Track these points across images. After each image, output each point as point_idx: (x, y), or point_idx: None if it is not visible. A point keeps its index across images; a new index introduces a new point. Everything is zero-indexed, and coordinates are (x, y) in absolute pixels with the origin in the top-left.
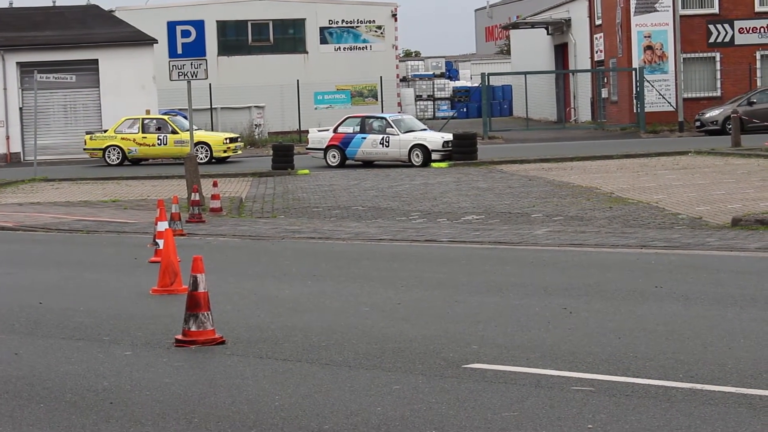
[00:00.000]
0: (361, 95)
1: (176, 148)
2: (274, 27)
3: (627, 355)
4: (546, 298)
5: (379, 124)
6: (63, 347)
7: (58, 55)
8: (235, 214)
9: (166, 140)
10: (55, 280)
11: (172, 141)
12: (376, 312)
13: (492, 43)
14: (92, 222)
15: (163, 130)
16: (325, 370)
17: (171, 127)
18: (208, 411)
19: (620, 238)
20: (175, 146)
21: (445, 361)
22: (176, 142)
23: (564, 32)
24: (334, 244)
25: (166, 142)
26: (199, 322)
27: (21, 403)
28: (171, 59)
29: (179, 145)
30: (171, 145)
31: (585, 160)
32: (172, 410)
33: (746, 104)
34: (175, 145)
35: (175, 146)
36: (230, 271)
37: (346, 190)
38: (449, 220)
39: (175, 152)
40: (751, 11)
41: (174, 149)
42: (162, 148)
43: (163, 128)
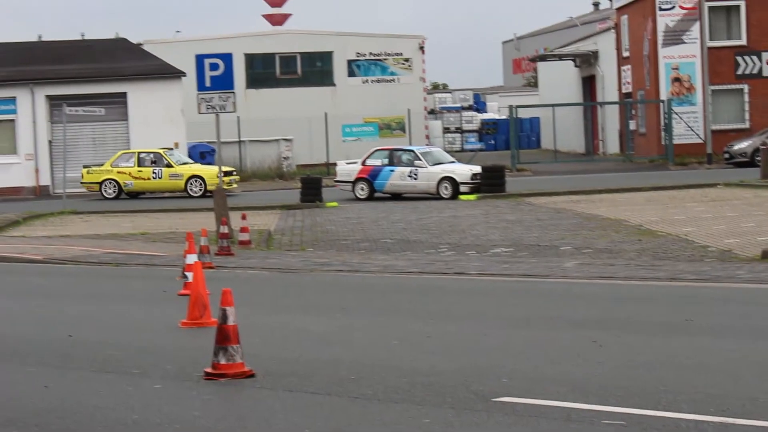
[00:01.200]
0: (389, 128)
1: (171, 181)
2: (302, 60)
3: (658, 388)
4: (575, 331)
5: (408, 157)
6: (93, 380)
7: (86, 89)
8: (263, 247)
9: (161, 174)
10: (84, 313)
11: (167, 174)
12: (405, 345)
13: (519, 75)
14: (121, 255)
15: (158, 164)
16: (355, 404)
17: (166, 160)
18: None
19: (649, 270)
20: (170, 180)
21: (474, 394)
22: (171, 176)
23: (591, 64)
24: (363, 277)
25: (162, 176)
26: (228, 355)
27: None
28: (199, 92)
29: (174, 178)
30: (166, 178)
31: (613, 192)
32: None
33: None
34: (170, 179)
35: (170, 180)
36: (259, 304)
37: (374, 222)
38: (478, 253)
39: (170, 186)
40: None
41: (169, 182)
42: (157, 182)
43: (158, 162)
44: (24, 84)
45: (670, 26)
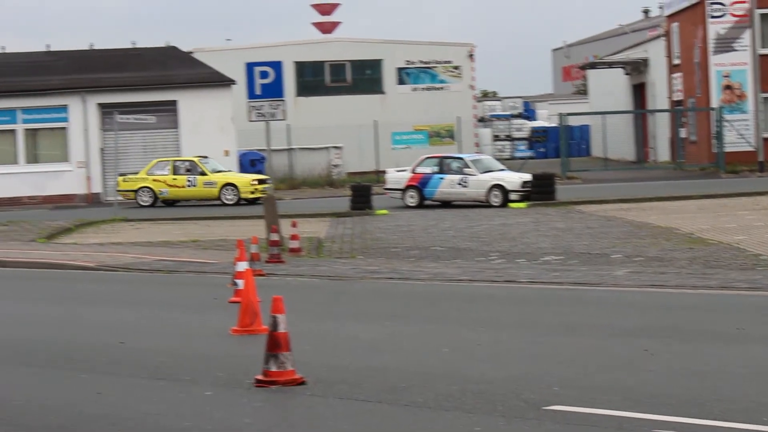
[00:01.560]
0: (438, 135)
1: (205, 189)
2: (352, 67)
3: (709, 397)
4: (626, 340)
5: (458, 165)
6: (144, 387)
7: (137, 96)
8: (314, 255)
9: (195, 182)
10: (136, 320)
11: (201, 182)
12: (455, 353)
13: (569, 82)
14: (172, 262)
15: (192, 172)
16: (406, 412)
17: (200, 169)
18: None
19: (701, 279)
20: (204, 188)
21: (525, 402)
22: (205, 184)
23: (642, 72)
24: (413, 285)
25: (196, 184)
26: (279, 362)
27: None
28: (249, 100)
29: (208, 186)
30: (200, 186)
31: (664, 200)
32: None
33: None
34: (204, 187)
35: (204, 187)
36: (310, 311)
37: (424, 230)
38: (528, 261)
39: (204, 193)
40: None
41: (203, 190)
42: (191, 190)
43: (192, 170)
44: (76, 92)
45: (721, 34)
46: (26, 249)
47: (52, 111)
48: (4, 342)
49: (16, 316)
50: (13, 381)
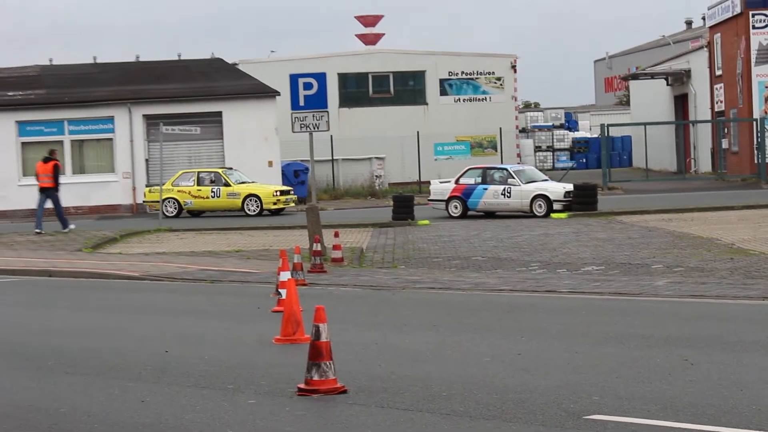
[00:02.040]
0: (480, 146)
1: (229, 200)
2: (395, 79)
3: (750, 407)
4: (667, 349)
5: (501, 175)
6: (188, 395)
7: (183, 108)
8: (356, 264)
9: (219, 193)
10: (180, 329)
11: (225, 193)
12: (496, 362)
13: (611, 93)
14: (216, 272)
15: (216, 183)
16: (446, 420)
17: (224, 180)
18: None
19: (741, 289)
20: (228, 198)
21: (565, 412)
22: (229, 195)
23: (684, 83)
24: (454, 295)
25: (220, 195)
26: (321, 371)
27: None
28: (293, 111)
29: (231, 197)
30: (224, 197)
31: (705, 211)
32: None
33: None
34: (227, 198)
35: (228, 198)
36: (351, 320)
37: (465, 240)
38: (569, 271)
39: (228, 204)
40: None
41: (227, 201)
42: (215, 201)
43: (216, 181)
44: (122, 103)
45: (764, 44)
46: (72, 259)
47: (98, 122)
48: (50, 351)
49: (62, 326)
50: (59, 389)
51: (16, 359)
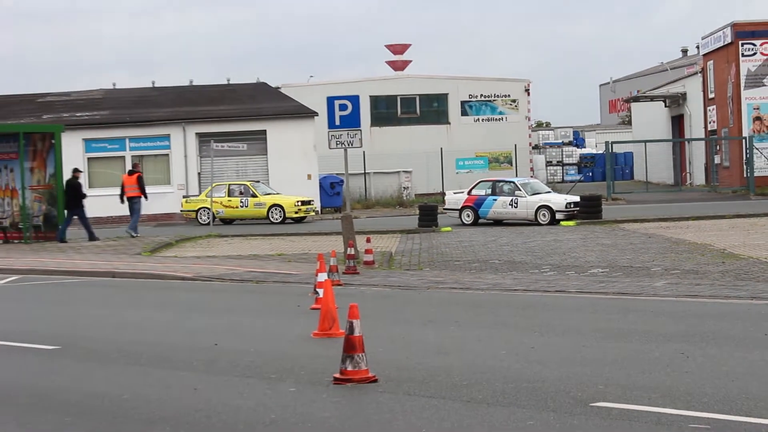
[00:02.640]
0: (497, 161)
1: (255, 209)
2: (421, 101)
3: (740, 396)
4: (665, 344)
5: (509, 187)
6: (236, 384)
7: (231, 127)
8: (385, 267)
9: (247, 203)
10: (228, 324)
11: (252, 203)
12: (511, 355)
13: (615, 114)
14: (260, 273)
15: (245, 194)
16: (467, 407)
17: (252, 191)
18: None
19: (732, 290)
20: (255, 208)
21: (573, 399)
22: (255, 205)
23: (680, 105)
24: (474, 294)
25: (248, 205)
26: (354, 362)
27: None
28: (330, 130)
29: (258, 207)
30: (251, 207)
31: (699, 219)
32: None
33: None
34: (254, 207)
35: (254, 208)
36: (381, 317)
37: (484, 245)
38: (577, 273)
39: (255, 213)
40: None
41: (254, 211)
42: (244, 210)
43: (245, 193)
44: (177, 123)
45: (752, 71)
46: (133, 261)
47: (156, 140)
48: (113, 344)
49: (123, 321)
50: (122, 378)
51: (84, 352)
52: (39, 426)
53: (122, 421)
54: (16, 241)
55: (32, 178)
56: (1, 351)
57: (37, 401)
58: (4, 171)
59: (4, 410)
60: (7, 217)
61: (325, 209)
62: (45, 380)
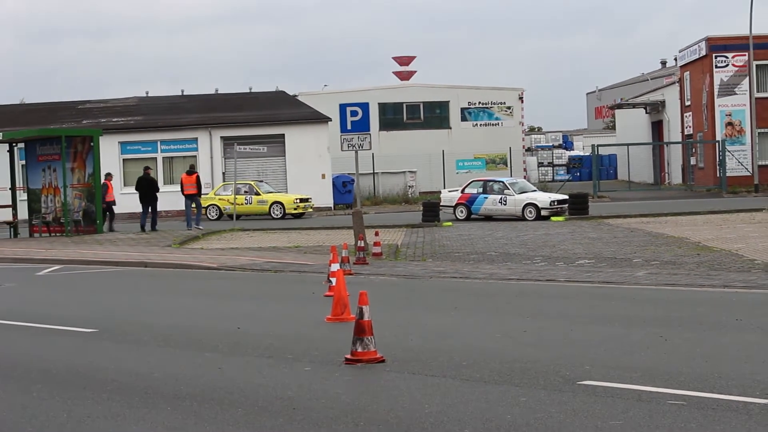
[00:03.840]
0: (494, 162)
1: (258, 206)
2: (424, 108)
3: (713, 375)
4: (645, 328)
5: (498, 186)
6: (257, 364)
7: (252, 131)
8: (392, 258)
9: (251, 200)
10: (250, 310)
11: (255, 201)
12: (506, 338)
13: (600, 120)
14: (279, 263)
15: (249, 192)
16: (466, 385)
17: (255, 190)
18: (371, 416)
19: (706, 279)
20: (258, 205)
21: (562, 378)
22: (258, 202)
23: (659, 111)
24: (472, 283)
25: (251, 202)
26: (364, 344)
27: (224, 407)
28: (342, 134)
29: (260, 204)
30: (255, 204)
31: (677, 215)
32: (342, 415)
33: None
34: (257, 204)
35: (257, 205)
36: (389, 303)
37: (481, 239)
38: (566, 264)
39: (258, 209)
40: None
41: (257, 207)
42: (248, 207)
43: (249, 191)
44: (204, 128)
45: (725, 80)
46: (163, 253)
47: (184, 143)
48: (145, 327)
49: (154, 307)
50: (153, 359)
51: (118, 334)
52: (79, 401)
53: (153, 397)
54: (59, 234)
55: (73, 178)
56: (44, 333)
57: (76, 379)
58: (47, 171)
59: (47, 387)
60: (51, 212)
61: (338, 206)
62: (83, 360)
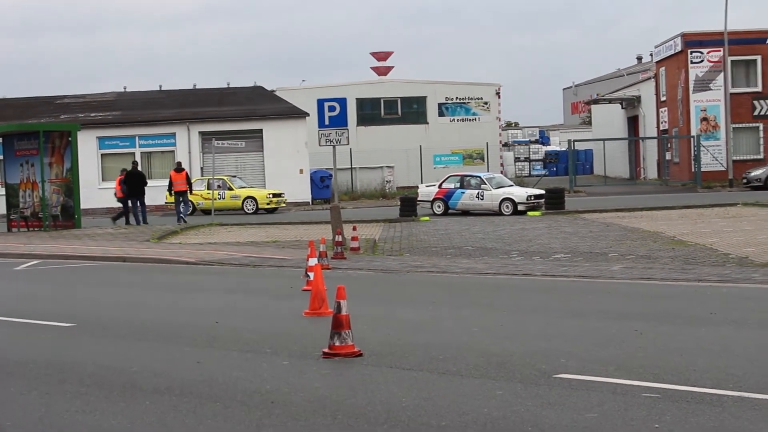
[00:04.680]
0: (471, 157)
1: (231, 201)
2: (402, 103)
3: (687, 368)
4: (620, 322)
5: (476, 181)
6: (235, 357)
7: (230, 126)
8: (370, 253)
9: (224, 195)
10: (227, 304)
11: (228, 196)
12: (483, 332)
13: (577, 115)
14: (257, 258)
15: (222, 188)
16: (443, 378)
17: (228, 185)
18: (349, 410)
19: (681, 273)
20: (231, 200)
21: (538, 371)
22: (231, 197)
23: (635, 106)
24: (449, 277)
25: (224, 197)
26: (341, 338)
27: (202, 401)
28: (320, 129)
29: (233, 199)
30: (228, 199)
31: (652, 210)
32: (320, 408)
33: None
34: (230, 199)
35: (230, 200)
36: (366, 298)
37: (458, 233)
38: (542, 258)
39: (231, 204)
40: None
41: (230, 202)
42: (221, 202)
43: (222, 186)
44: (182, 122)
45: (700, 76)
46: (142, 248)
47: (162, 138)
48: (124, 321)
49: (132, 301)
50: (131, 353)
51: (98, 329)
52: (58, 395)
53: (132, 391)
54: (37, 229)
55: (51, 173)
56: (23, 328)
57: (55, 373)
58: (25, 166)
59: (26, 381)
60: (29, 207)
61: (316, 201)
62: (62, 354)
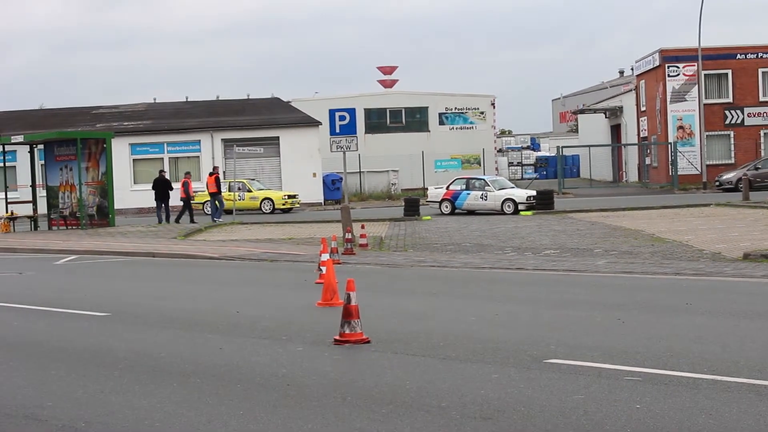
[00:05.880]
0: (468, 162)
1: (250, 202)
2: (406, 113)
3: (666, 353)
4: (605, 312)
5: (480, 183)
6: (254, 344)
7: (250, 134)
8: (377, 249)
9: (243, 196)
10: (247, 295)
11: (248, 197)
12: (480, 321)
13: (564, 123)
14: (274, 254)
15: (242, 190)
16: (443, 363)
17: (247, 187)
18: (358, 391)
19: (660, 267)
20: (249, 201)
21: (530, 357)
22: (250, 198)
23: (618, 116)
24: (449, 271)
25: (244, 198)
26: (351, 326)
27: (224, 383)
28: (331, 136)
29: (252, 200)
30: (247, 200)
31: (633, 210)
32: (332, 390)
33: (753, 169)
34: (249, 200)
35: (249, 201)
36: (373, 289)
37: (457, 231)
38: (533, 254)
39: (249, 205)
40: (756, 100)
41: (249, 203)
42: (240, 202)
43: (242, 188)
44: (206, 131)
45: (676, 88)
46: (170, 244)
47: (188, 144)
48: (153, 311)
49: (161, 293)
50: (159, 339)
51: (129, 318)
52: (93, 378)
53: (161, 375)
54: (74, 227)
55: (87, 176)
56: (62, 317)
57: (90, 358)
58: (64, 170)
59: (65, 365)
60: (67, 207)
61: (327, 201)
62: (97, 341)
